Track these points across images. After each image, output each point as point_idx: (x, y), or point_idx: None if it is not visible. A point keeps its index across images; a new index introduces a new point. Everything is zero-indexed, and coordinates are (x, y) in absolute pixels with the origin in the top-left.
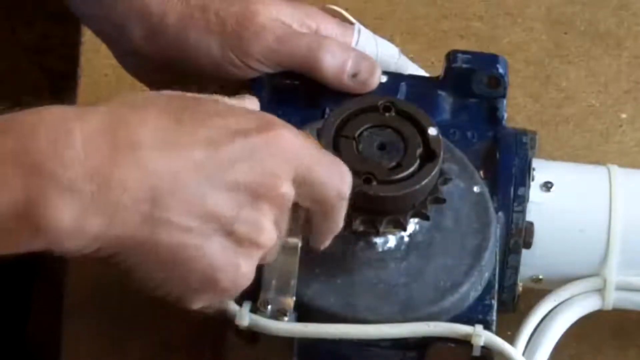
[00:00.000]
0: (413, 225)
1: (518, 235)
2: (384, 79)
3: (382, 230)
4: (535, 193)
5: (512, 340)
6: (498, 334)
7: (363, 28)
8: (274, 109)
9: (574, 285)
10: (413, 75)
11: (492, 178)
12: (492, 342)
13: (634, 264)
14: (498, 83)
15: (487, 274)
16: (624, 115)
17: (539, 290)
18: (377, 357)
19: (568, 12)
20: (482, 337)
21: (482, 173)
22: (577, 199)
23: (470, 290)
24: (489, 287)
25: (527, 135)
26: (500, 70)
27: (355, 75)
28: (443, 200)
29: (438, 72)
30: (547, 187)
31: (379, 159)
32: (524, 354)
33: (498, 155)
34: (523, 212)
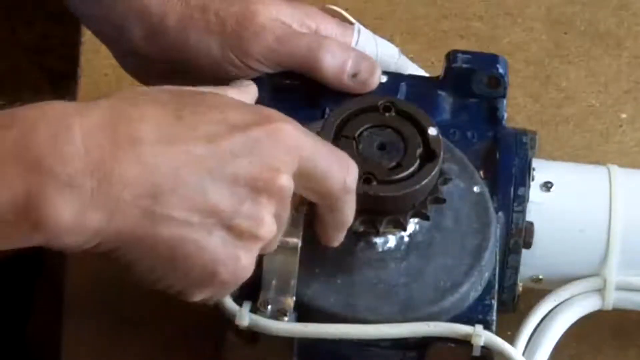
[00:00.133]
0: (413, 225)
1: (518, 235)
2: (384, 79)
3: (382, 230)
4: (535, 193)
5: (512, 340)
6: (498, 334)
7: (363, 28)
8: (274, 109)
9: (574, 285)
10: (413, 75)
11: (492, 178)
12: (492, 342)
13: (634, 264)
14: (498, 83)
15: (487, 274)
16: (624, 115)
17: (539, 290)
18: (377, 357)
19: (568, 12)
20: (482, 337)
21: (482, 173)
22: (577, 199)
23: (470, 290)
24: (489, 287)
25: (527, 135)
26: (500, 70)
27: (355, 75)
28: (443, 200)
29: (438, 72)
30: (547, 187)
31: (379, 159)
32: (524, 354)
33: (498, 155)
34: (523, 212)
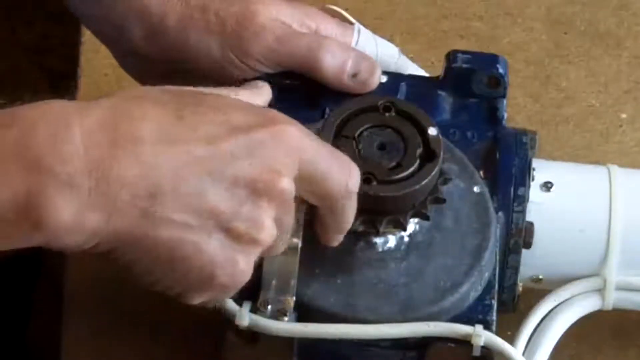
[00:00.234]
0: (413, 225)
1: (518, 235)
2: (384, 79)
3: (382, 230)
4: (535, 193)
5: (512, 340)
6: (498, 334)
7: (363, 28)
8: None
9: (574, 285)
10: (413, 75)
11: (492, 178)
12: (492, 342)
13: (634, 264)
14: (498, 83)
15: (487, 274)
16: (624, 115)
17: (539, 290)
18: (377, 357)
19: (568, 12)
20: (482, 337)
21: (482, 173)
22: (577, 199)
23: (470, 290)
24: (489, 287)
25: (527, 135)
26: (500, 70)
27: (355, 75)
28: (443, 200)
29: (438, 72)
30: (547, 187)
31: (379, 159)
32: (524, 354)
33: (498, 155)
34: (523, 212)
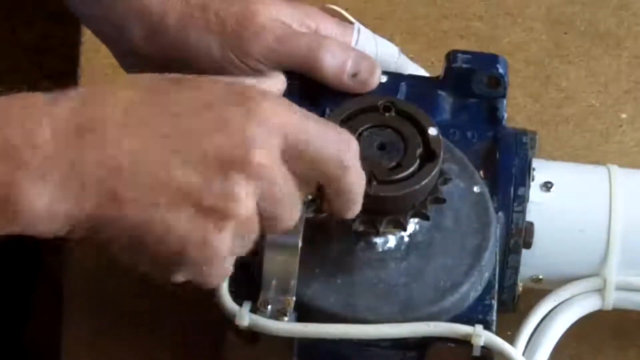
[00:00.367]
0: (413, 225)
1: (518, 235)
2: (384, 79)
3: (382, 230)
4: (535, 193)
5: (512, 340)
6: (498, 334)
7: (363, 27)
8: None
9: (574, 285)
10: (413, 75)
11: (492, 178)
12: (492, 342)
13: (634, 264)
14: (498, 83)
15: (487, 274)
16: (624, 115)
17: (539, 290)
18: (377, 357)
19: (568, 12)
20: (482, 337)
21: (482, 173)
22: (577, 199)
23: (470, 290)
24: (489, 287)
25: (527, 135)
26: (500, 70)
27: (355, 75)
28: (443, 200)
29: (438, 72)
30: (547, 187)
31: (379, 159)
32: (524, 354)
33: (498, 155)
34: (523, 212)
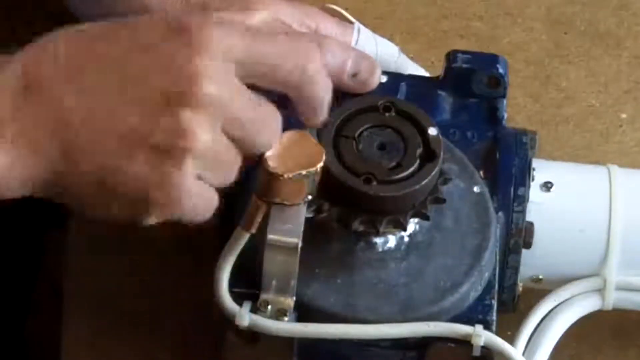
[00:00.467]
0: (413, 225)
1: (518, 235)
2: (384, 79)
3: (382, 230)
4: (535, 193)
5: (512, 340)
6: (498, 334)
7: (362, 27)
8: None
9: (574, 285)
10: (413, 75)
11: (492, 178)
12: (492, 342)
13: (634, 264)
14: (498, 83)
15: (487, 274)
16: (624, 115)
17: (539, 290)
18: (377, 357)
19: (568, 12)
20: (482, 337)
21: (482, 173)
22: (577, 199)
23: (470, 290)
24: (489, 287)
25: (527, 135)
26: (500, 70)
27: (356, 75)
28: (443, 200)
29: (438, 72)
30: (547, 187)
31: (379, 159)
32: (524, 354)
33: (498, 155)
34: (523, 212)
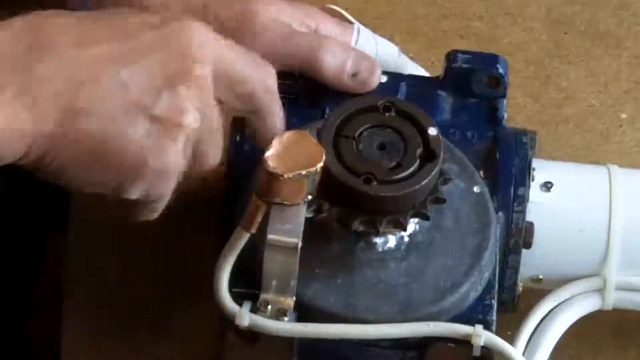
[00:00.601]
0: (413, 225)
1: (518, 235)
2: (384, 79)
3: (382, 230)
4: (535, 193)
5: (512, 340)
6: (498, 334)
7: (362, 27)
8: None
9: (574, 285)
10: (413, 75)
11: (492, 178)
12: (492, 342)
13: (634, 264)
14: (498, 83)
15: (487, 274)
16: (624, 115)
17: (539, 290)
18: (377, 357)
19: (568, 12)
20: (482, 337)
21: (482, 173)
22: (577, 199)
23: (470, 290)
24: (489, 287)
25: (527, 135)
26: (500, 70)
27: (355, 75)
28: (443, 200)
29: (438, 72)
30: (547, 187)
31: (379, 159)
32: (524, 354)
33: (498, 155)
34: (523, 212)
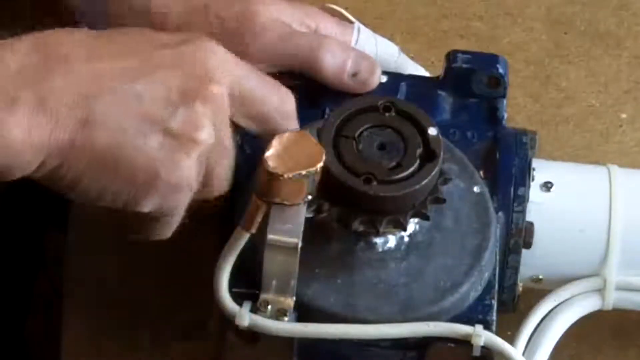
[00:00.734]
0: (413, 225)
1: (518, 235)
2: (384, 79)
3: (382, 230)
4: (535, 193)
5: (512, 340)
6: (498, 334)
7: (362, 27)
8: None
9: (574, 285)
10: (413, 75)
11: (492, 178)
12: (492, 342)
13: (634, 264)
14: (498, 83)
15: (487, 274)
16: (624, 115)
17: (539, 290)
18: (377, 357)
19: (568, 12)
20: (482, 337)
21: (482, 173)
22: (577, 199)
23: (470, 290)
24: (489, 287)
25: (527, 135)
26: (500, 70)
27: (356, 75)
28: (443, 200)
29: (438, 72)
30: (547, 187)
31: (379, 159)
32: (524, 354)
33: (498, 155)
34: (523, 212)
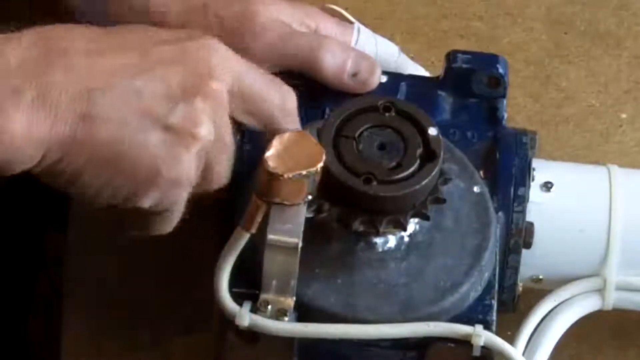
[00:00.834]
0: (413, 225)
1: (518, 235)
2: (384, 79)
3: (382, 230)
4: (535, 193)
5: (512, 340)
6: (498, 334)
7: (362, 27)
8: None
9: (574, 285)
10: (413, 75)
11: (492, 178)
12: (492, 342)
13: (634, 264)
14: (498, 83)
15: (487, 274)
16: (624, 115)
17: (539, 290)
18: (377, 357)
19: (568, 12)
20: (482, 337)
21: (482, 173)
22: (577, 199)
23: (470, 290)
24: (489, 287)
25: (527, 135)
26: (500, 70)
27: (356, 75)
28: (443, 200)
29: (438, 72)
30: (547, 187)
31: (379, 159)
32: (524, 354)
33: (498, 155)
34: (523, 212)
